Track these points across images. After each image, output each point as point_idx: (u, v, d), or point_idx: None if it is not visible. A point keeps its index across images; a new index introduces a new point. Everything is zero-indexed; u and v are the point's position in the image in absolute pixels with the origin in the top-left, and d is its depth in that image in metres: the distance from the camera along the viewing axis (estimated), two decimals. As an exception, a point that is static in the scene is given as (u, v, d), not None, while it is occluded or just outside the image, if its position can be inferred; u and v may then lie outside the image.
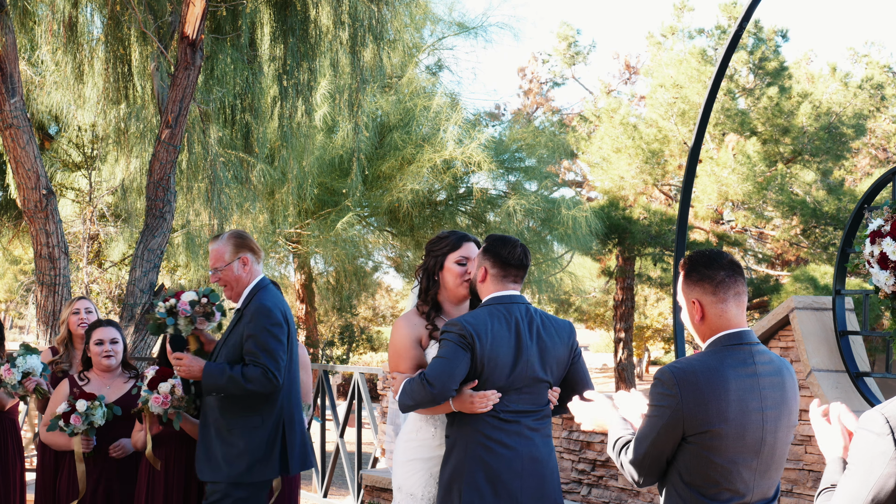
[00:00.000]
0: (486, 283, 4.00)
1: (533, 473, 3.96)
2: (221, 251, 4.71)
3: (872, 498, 2.29)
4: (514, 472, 3.92)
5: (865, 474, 2.30)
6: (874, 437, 2.30)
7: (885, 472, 2.27)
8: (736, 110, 21.53)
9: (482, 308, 3.97)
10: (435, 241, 4.30)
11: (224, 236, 4.75)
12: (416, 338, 4.16)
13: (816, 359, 6.55)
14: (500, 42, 59.53)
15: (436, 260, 4.24)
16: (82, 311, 5.83)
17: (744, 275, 3.02)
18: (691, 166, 7.73)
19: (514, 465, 3.93)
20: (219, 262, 4.69)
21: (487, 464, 3.90)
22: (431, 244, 4.29)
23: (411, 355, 4.12)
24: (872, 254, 5.95)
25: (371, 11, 10.14)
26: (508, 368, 3.93)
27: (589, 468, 8.05)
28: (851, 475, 2.33)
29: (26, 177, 8.41)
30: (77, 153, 14.98)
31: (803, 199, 20.45)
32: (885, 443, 2.28)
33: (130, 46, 10.02)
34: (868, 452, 2.30)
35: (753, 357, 2.94)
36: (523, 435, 3.96)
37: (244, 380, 4.51)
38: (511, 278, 4.01)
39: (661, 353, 35.94)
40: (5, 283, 23.47)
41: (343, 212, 17.20)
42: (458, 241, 4.24)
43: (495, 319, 3.94)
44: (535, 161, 18.97)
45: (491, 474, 3.89)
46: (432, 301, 4.24)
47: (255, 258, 4.77)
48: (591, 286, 27.25)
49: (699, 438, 2.84)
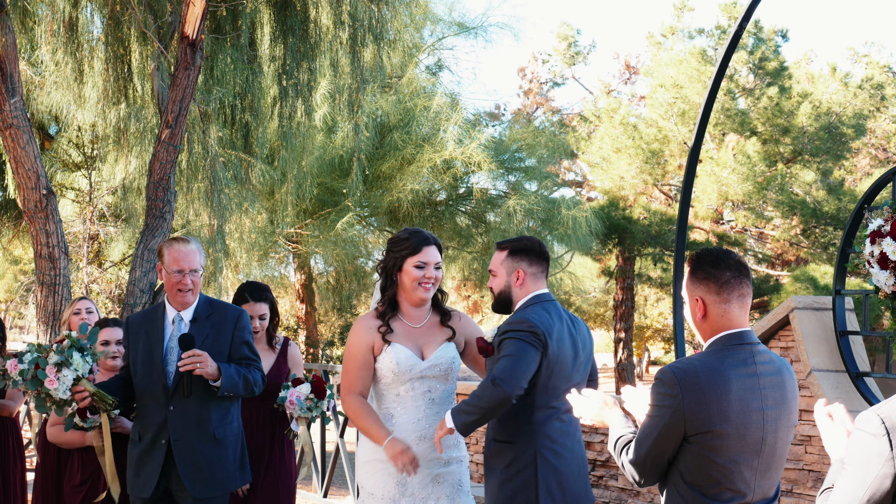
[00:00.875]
0: (524, 285, 3.98)
1: (584, 474, 4.01)
2: (200, 255, 4.69)
3: (868, 499, 2.29)
4: (575, 474, 3.93)
5: (861, 475, 2.30)
6: (870, 437, 2.30)
7: (880, 473, 2.27)
8: (736, 110, 21.53)
9: (538, 305, 3.93)
10: (396, 240, 4.21)
11: (196, 241, 4.74)
12: (370, 344, 4.14)
13: (816, 359, 6.55)
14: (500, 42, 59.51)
15: (395, 260, 4.18)
16: (83, 311, 5.84)
17: (750, 276, 3.01)
18: (691, 166, 7.73)
19: (574, 467, 3.93)
20: (198, 265, 4.67)
21: (556, 469, 3.87)
22: (392, 243, 4.22)
23: (362, 374, 4.12)
24: (872, 254, 5.95)
25: (371, 11, 10.13)
26: (570, 368, 3.92)
27: (589, 468, 8.05)
28: (848, 476, 2.33)
29: (26, 177, 8.41)
30: (77, 153, 14.98)
31: (803, 199, 20.45)
32: (880, 444, 2.28)
33: (130, 46, 10.02)
34: (864, 453, 2.30)
35: (754, 357, 2.93)
36: (576, 437, 3.98)
37: (253, 383, 4.61)
38: (545, 274, 4.02)
39: (661, 353, 35.93)
40: (5, 283, 23.47)
41: (343, 212, 17.19)
42: (419, 244, 4.16)
43: (555, 317, 3.92)
44: (535, 161, 18.96)
45: (560, 479, 3.88)
46: (389, 300, 4.20)
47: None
48: (591, 286, 27.24)
49: (700, 439, 2.84)
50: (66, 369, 4.46)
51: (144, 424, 4.61)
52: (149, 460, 4.57)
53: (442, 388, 4.17)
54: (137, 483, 4.59)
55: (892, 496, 2.32)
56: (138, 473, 4.59)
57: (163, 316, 4.66)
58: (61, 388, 4.45)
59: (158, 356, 4.58)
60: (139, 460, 4.59)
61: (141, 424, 4.63)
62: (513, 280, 3.97)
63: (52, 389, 4.45)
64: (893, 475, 2.29)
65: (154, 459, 4.56)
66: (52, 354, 4.49)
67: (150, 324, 4.66)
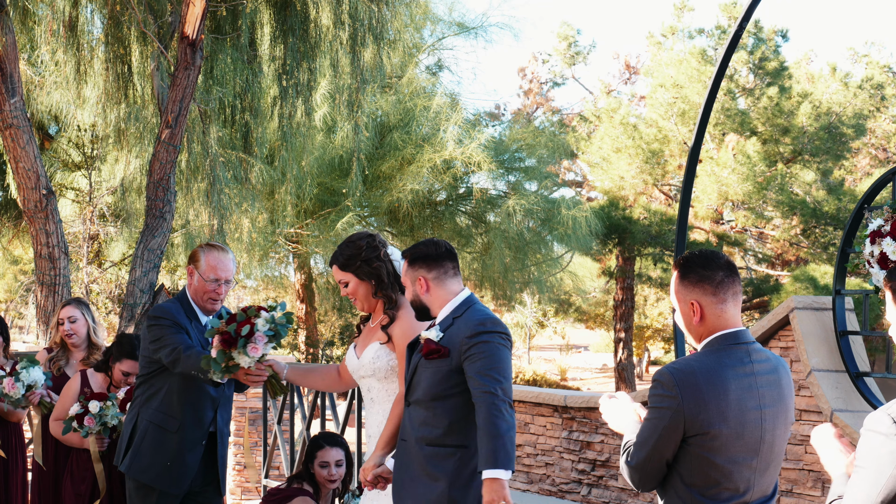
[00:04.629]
0: (431, 290, 3.82)
1: None
2: (234, 265, 4.69)
3: (883, 499, 2.29)
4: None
5: (875, 475, 2.30)
6: (882, 437, 2.31)
7: (894, 473, 2.28)
8: (736, 110, 21.54)
9: (478, 304, 3.88)
10: (360, 249, 4.12)
11: (230, 250, 4.72)
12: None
13: (816, 359, 6.55)
14: (500, 42, 59.61)
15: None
16: (66, 321, 5.79)
17: (739, 275, 3.01)
18: (691, 166, 7.74)
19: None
20: (233, 275, 4.67)
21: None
22: (361, 250, 4.12)
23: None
24: (872, 254, 5.95)
25: (371, 11, 10.13)
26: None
27: (589, 468, 8.05)
28: (861, 477, 2.34)
29: (26, 177, 8.41)
30: (77, 153, 14.99)
31: (803, 199, 20.46)
32: (893, 443, 2.29)
33: (130, 46, 10.02)
34: (876, 452, 2.31)
35: (750, 356, 2.93)
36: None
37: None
38: (452, 272, 3.87)
39: (661, 353, 35.91)
40: (5, 283, 23.47)
41: (343, 212, 17.19)
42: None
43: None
44: (535, 161, 18.97)
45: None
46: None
47: None
48: (591, 286, 27.24)
49: (700, 440, 2.83)
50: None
51: (190, 417, 4.54)
52: (188, 455, 4.53)
53: (378, 386, 4.09)
54: (168, 476, 4.51)
55: None
56: (171, 466, 4.51)
57: (197, 319, 4.63)
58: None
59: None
60: (175, 453, 4.51)
61: (186, 416, 4.53)
62: (419, 289, 3.84)
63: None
64: None
65: (195, 454, 4.54)
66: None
67: (190, 322, 4.60)
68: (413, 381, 3.78)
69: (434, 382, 3.70)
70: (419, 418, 3.74)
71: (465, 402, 3.68)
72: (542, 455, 8.53)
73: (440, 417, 3.71)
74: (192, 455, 4.54)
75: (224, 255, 4.62)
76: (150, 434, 4.54)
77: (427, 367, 3.73)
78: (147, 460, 4.53)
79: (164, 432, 4.53)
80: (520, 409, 8.71)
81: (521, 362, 32.85)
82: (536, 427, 8.62)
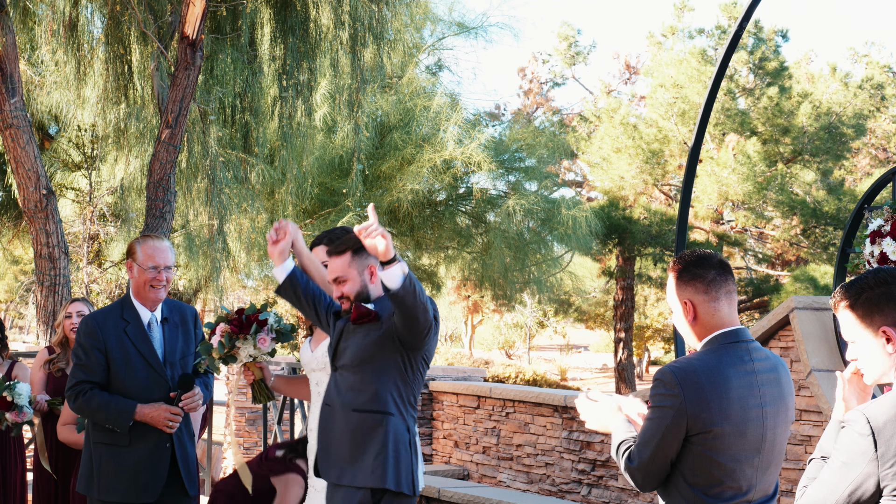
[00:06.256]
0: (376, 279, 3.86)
1: None
2: (173, 253, 4.66)
3: (849, 494, 2.40)
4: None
5: (846, 470, 2.42)
6: (857, 436, 2.41)
7: (863, 472, 2.38)
8: (736, 110, 21.54)
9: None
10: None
11: (168, 240, 4.72)
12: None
13: (816, 359, 6.55)
14: (500, 42, 59.60)
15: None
16: (74, 314, 5.81)
17: (733, 274, 3.03)
18: (691, 166, 7.74)
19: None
20: (172, 262, 4.60)
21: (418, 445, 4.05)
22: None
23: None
24: (872, 254, 5.96)
25: (371, 11, 10.14)
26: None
27: (589, 468, 8.05)
28: (832, 468, 2.45)
29: (26, 177, 8.42)
30: (77, 153, 14.99)
31: (803, 199, 20.46)
32: (865, 443, 2.39)
33: (130, 46, 10.02)
34: (850, 450, 2.42)
35: (750, 354, 2.94)
36: None
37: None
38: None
39: (661, 353, 35.92)
40: (5, 283, 23.48)
41: (343, 212, 17.19)
42: (313, 243, 4.33)
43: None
44: (535, 161, 18.96)
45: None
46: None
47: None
48: (591, 286, 27.24)
49: (702, 438, 2.83)
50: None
51: (140, 429, 4.42)
52: (151, 464, 4.44)
53: (326, 380, 4.05)
54: (135, 489, 4.41)
55: (876, 498, 2.37)
56: (136, 479, 4.41)
57: (137, 318, 4.53)
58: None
59: (158, 365, 4.49)
60: (137, 465, 4.41)
61: (135, 429, 4.42)
62: (367, 278, 3.82)
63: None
64: (877, 477, 2.35)
65: (160, 461, 4.46)
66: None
67: (125, 325, 4.50)
68: (339, 346, 3.82)
69: (363, 346, 3.75)
70: (346, 383, 3.78)
71: (393, 368, 3.73)
72: (542, 455, 8.53)
73: (368, 382, 3.74)
74: (159, 462, 4.46)
75: (160, 242, 4.57)
76: (105, 454, 4.45)
77: (356, 331, 3.78)
78: (109, 479, 4.43)
79: (118, 449, 4.43)
80: (520, 409, 8.72)
81: (522, 362, 32.86)
82: (536, 427, 8.62)
